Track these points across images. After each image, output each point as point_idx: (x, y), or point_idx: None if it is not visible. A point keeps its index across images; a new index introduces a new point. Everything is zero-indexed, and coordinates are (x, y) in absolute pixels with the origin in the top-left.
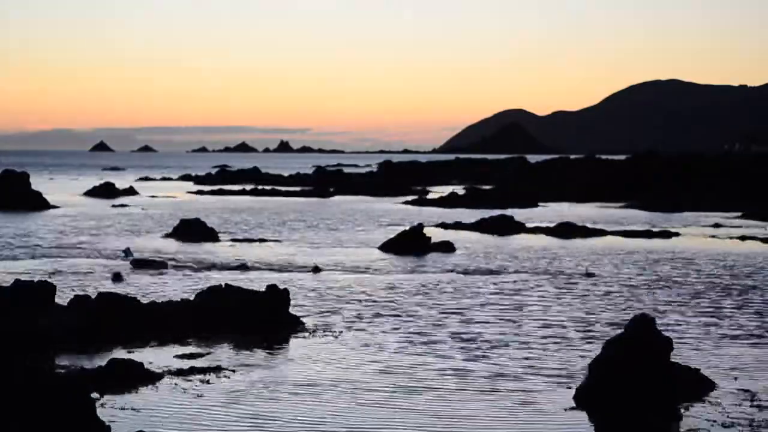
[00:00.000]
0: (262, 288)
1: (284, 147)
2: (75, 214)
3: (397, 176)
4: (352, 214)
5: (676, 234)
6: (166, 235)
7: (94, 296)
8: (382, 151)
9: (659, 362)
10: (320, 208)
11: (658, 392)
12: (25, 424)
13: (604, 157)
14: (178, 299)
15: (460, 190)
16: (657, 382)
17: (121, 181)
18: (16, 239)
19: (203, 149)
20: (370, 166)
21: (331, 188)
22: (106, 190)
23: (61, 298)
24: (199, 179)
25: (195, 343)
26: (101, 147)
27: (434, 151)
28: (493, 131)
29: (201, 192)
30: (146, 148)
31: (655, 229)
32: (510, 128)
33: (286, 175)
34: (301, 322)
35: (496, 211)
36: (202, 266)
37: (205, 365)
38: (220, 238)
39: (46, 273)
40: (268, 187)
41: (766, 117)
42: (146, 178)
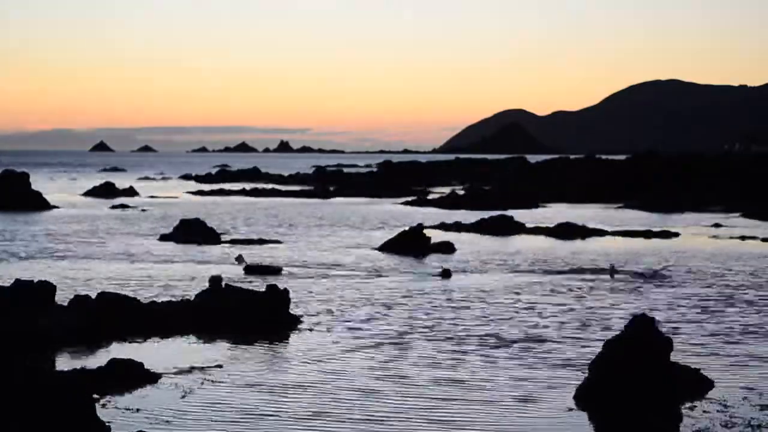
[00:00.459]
0: (262, 288)
1: (284, 147)
2: (75, 214)
3: (397, 176)
4: (352, 214)
5: (676, 234)
6: (166, 235)
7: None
8: (382, 151)
9: (659, 362)
10: (320, 208)
11: (658, 392)
12: (25, 424)
13: (604, 157)
14: (178, 299)
15: (460, 191)
16: (657, 382)
17: (121, 181)
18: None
19: (203, 149)
20: (370, 166)
21: (331, 188)
22: (105, 190)
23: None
24: (199, 179)
25: (195, 343)
26: (101, 147)
27: (434, 151)
28: (493, 131)
29: (201, 192)
30: (146, 148)
31: (655, 229)
32: (510, 128)
33: (286, 175)
34: (301, 322)
35: (496, 212)
36: (319, 271)
37: (205, 365)
38: (221, 238)
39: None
40: (268, 187)
41: (766, 117)
42: (146, 178)
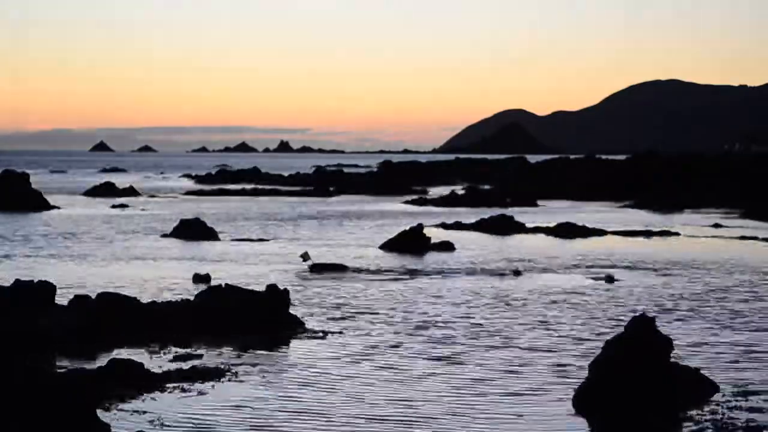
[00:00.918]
0: (262, 288)
1: (284, 147)
2: (75, 214)
3: (397, 176)
4: (352, 214)
5: (676, 234)
6: (166, 235)
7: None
8: (382, 151)
9: (659, 362)
10: (320, 208)
11: (658, 392)
12: (25, 424)
13: (604, 157)
14: (177, 299)
15: (460, 190)
16: (657, 382)
17: (121, 181)
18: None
19: (203, 149)
20: (370, 166)
21: (331, 188)
22: (106, 190)
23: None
24: (199, 179)
25: (195, 342)
26: (101, 147)
27: (434, 151)
28: (493, 131)
29: (201, 192)
30: (146, 148)
31: (655, 229)
32: (510, 128)
33: (286, 175)
34: (301, 323)
35: (496, 211)
36: (378, 271)
37: (205, 365)
38: (221, 237)
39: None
40: (269, 186)
41: (766, 117)
42: (146, 177)
